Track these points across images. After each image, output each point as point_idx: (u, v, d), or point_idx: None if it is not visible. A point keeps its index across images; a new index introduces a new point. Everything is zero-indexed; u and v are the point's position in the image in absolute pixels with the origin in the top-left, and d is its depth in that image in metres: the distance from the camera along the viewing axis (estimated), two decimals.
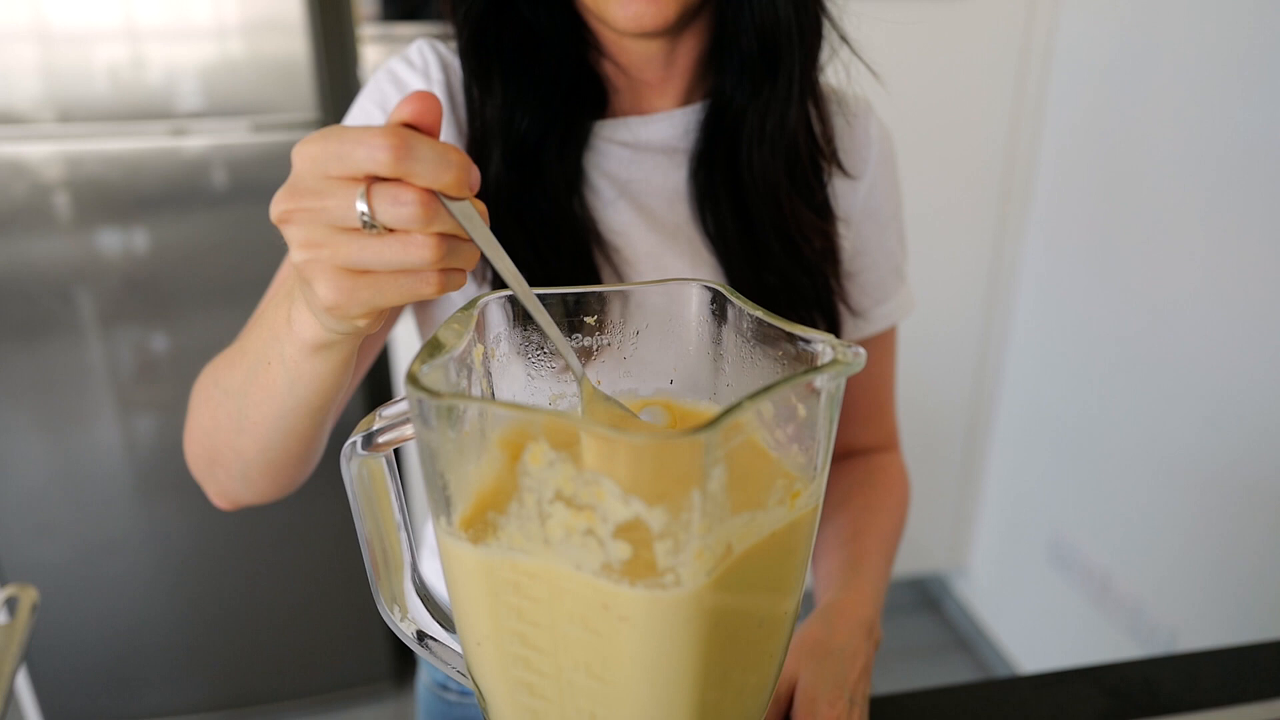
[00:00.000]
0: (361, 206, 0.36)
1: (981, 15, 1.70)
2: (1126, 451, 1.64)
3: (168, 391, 1.82)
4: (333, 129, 0.37)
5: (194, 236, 1.72)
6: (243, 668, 1.93)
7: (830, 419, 0.37)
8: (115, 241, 1.72)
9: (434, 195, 0.37)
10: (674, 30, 0.63)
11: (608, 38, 0.66)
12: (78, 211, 1.68)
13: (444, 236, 0.38)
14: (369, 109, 0.67)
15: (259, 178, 1.67)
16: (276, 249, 1.86)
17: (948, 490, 2.10)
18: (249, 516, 1.84)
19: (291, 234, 0.39)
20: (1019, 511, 1.99)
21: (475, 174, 0.37)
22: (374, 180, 0.36)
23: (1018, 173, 1.84)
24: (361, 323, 0.41)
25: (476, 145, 0.65)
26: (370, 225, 0.37)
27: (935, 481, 2.08)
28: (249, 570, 1.89)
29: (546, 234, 0.64)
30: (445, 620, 0.44)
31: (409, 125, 0.37)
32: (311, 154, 0.37)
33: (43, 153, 1.63)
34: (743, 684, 0.39)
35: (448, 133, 0.66)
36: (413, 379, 0.34)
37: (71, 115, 1.61)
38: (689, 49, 0.67)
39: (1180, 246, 1.49)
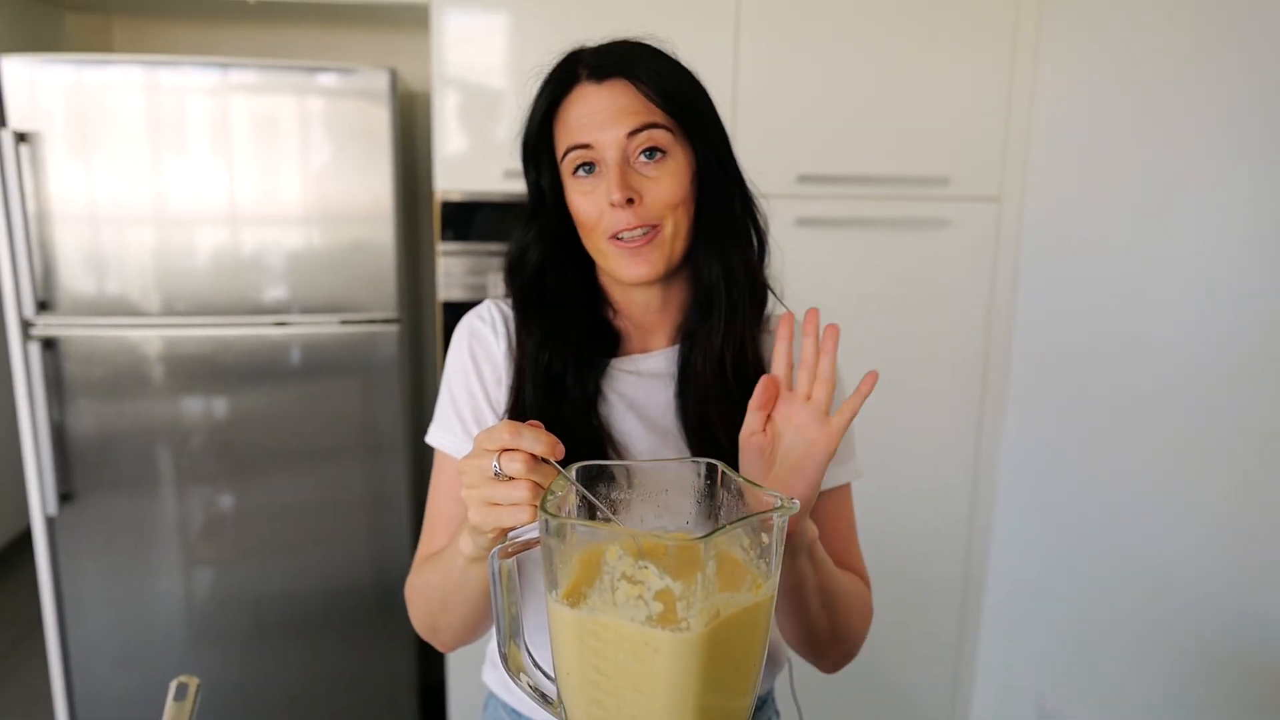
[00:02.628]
0: (494, 463, 0.67)
1: (958, 239, 2.07)
2: (1103, 628, 1.87)
3: (228, 549, 2.04)
4: (490, 429, 0.69)
5: (270, 406, 2.00)
6: None
7: (779, 542, 0.64)
8: (198, 408, 1.99)
9: (536, 458, 0.67)
10: (662, 280, 0.92)
11: (616, 291, 0.96)
12: (169, 381, 1.96)
13: (535, 485, 0.68)
14: (463, 358, 0.97)
15: (336, 359, 1.97)
16: (342, 419, 2.21)
17: (944, 666, 2.31)
18: (281, 667, 2.04)
19: (464, 479, 0.70)
20: (1009, 686, 2.18)
21: (560, 447, 0.68)
22: (504, 450, 0.68)
23: (991, 375, 2.15)
24: (489, 538, 0.72)
25: (519, 375, 0.94)
26: (499, 475, 0.68)
27: (932, 658, 2.30)
28: (284, 709, 2.07)
29: (573, 438, 0.91)
30: (541, 667, 0.69)
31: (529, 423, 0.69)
32: (479, 438, 0.69)
33: (145, 336, 1.93)
34: (726, 701, 0.63)
35: (506, 365, 0.95)
36: (543, 507, 0.61)
37: (174, 309, 1.92)
38: (674, 299, 0.97)
39: (1139, 446, 1.76)
